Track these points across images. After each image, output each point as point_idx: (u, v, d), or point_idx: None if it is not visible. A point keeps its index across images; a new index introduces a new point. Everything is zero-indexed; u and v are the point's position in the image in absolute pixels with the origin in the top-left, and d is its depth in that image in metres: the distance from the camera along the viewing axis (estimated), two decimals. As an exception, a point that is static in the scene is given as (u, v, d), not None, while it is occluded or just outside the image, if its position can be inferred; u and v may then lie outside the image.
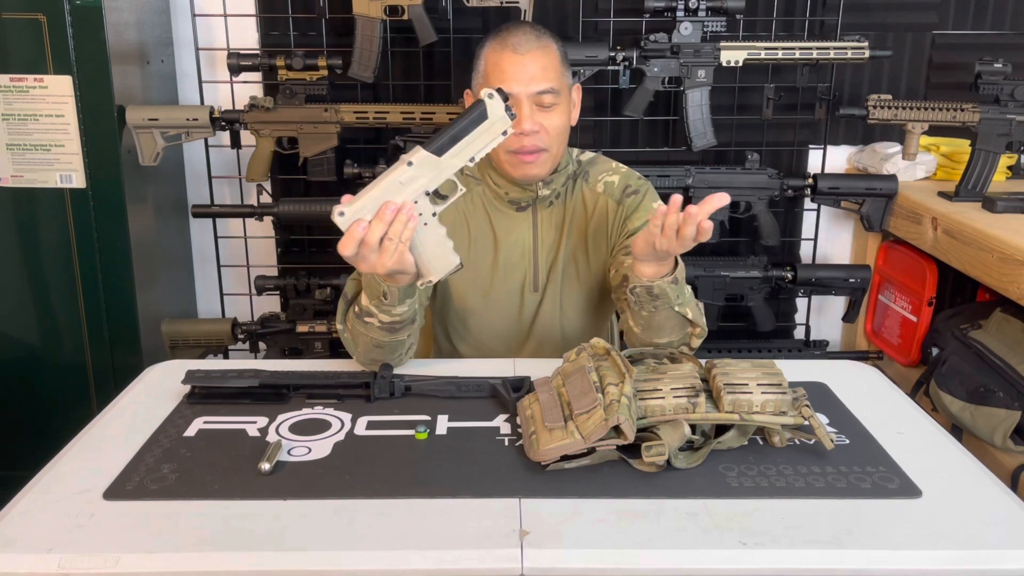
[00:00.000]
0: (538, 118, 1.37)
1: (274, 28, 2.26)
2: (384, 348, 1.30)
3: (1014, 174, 2.32)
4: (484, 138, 1.16)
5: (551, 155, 1.41)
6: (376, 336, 1.28)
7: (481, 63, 1.42)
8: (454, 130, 1.15)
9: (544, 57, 1.37)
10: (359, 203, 1.13)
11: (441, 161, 1.15)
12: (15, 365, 2.10)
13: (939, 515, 0.98)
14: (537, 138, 1.37)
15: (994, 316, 1.90)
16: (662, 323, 1.29)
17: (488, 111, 1.15)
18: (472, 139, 1.15)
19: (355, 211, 1.13)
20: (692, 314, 1.30)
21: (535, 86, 1.36)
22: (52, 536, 0.92)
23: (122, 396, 1.28)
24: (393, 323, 1.26)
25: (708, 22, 2.06)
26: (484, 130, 1.15)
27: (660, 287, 1.24)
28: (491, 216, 1.51)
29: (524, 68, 1.36)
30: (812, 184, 2.20)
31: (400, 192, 1.14)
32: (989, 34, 2.33)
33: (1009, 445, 1.74)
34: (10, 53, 1.91)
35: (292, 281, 2.21)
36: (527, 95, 1.36)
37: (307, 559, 0.89)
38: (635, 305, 1.29)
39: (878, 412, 1.23)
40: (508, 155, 1.40)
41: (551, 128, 1.38)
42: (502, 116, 1.15)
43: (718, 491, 1.01)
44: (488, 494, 1.00)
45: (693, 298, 1.32)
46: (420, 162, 1.14)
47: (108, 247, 2.04)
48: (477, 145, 1.16)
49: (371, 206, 1.13)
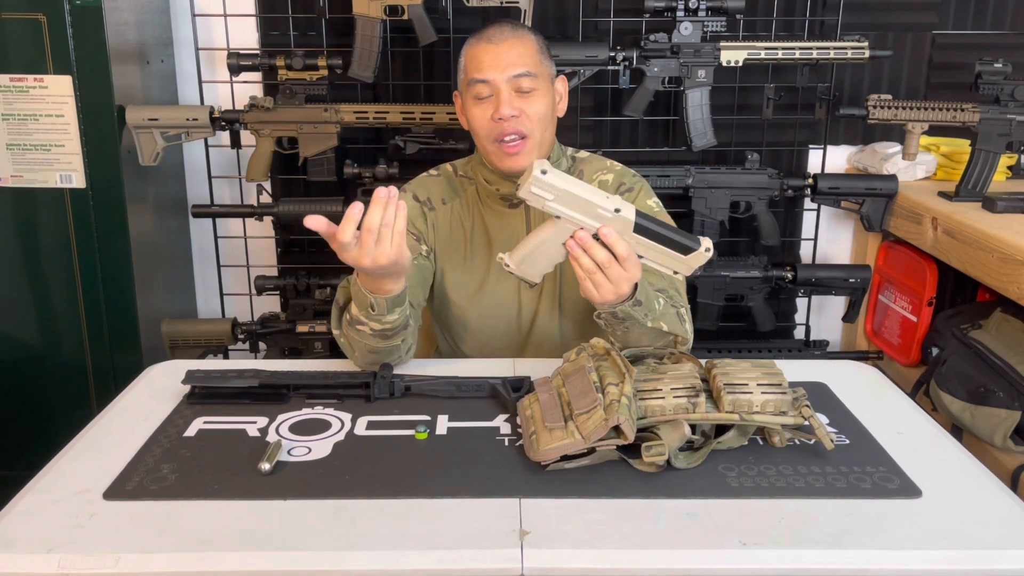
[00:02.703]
0: (517, 103, 1.38)
1: (274, 28, 2.26)
2: (380, 353, 1.29)
3: (1014, 174, 2.32)
4: (665, 259, 1.17)
5: (535, 142, 1.40)
6: (370, 343, 1.27)
7: (462, 60, 1.44)
8: (666, 232, 1.15)
9: (520, 45, 1.39)
10: (567, 183, 1.09)
11: (629, 233, 1.13)
12: (15, 365, 2.10)
13: (939, 515, 0.98)
14: (517, 122, 1.38)
15: (994, 316, 1.90)
16: (639, 338, 1.27)
17: (693, 253, 1.16)
18: (660, 250, 1.16)
19: (562, 181, 1.09)
20: (669, 326, 1.27)
21: (512, 71, 1.37)
22: (52, 536, 0.92)
23: (122, 396, 1.28)
24: (385, 330, 1.26)
25: (708, 22, 2.06)
26: (673, 256, 1.16)
27: (624, 310, 1.20)
28: (484, 215, 1.51)
29: (500, 56, 1.37)
30: (812, 184, 2.20)
31: (589, 215, 1.12)
32: (989, 34, 2.33)
33: (1009, 445, 1.74)
34: (10, 53, 1.91)
35: (292, 281, 2.21)
36: (504, 80, 1.37)
37: (307, 559, 0.89)
38: (607, 328, 1.27)
39: (878, 412, 1.23)
40: (493, 145, 1.40)
41: (532, 114, 1.39)
42: (691, 266, 1.17)
43: (718, 491, 1.01)
44: (488, 494, 1.00)
45: (669, 308, 1.29)
46: (624, 219, 1.12)
47: (108, 247, 2.04)
48: (655, 255, 1.16)
49: (569, 194, 1.10)
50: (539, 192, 1.10)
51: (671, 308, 1.30)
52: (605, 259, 1.12)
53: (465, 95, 1.43)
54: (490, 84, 1.38)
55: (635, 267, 1.14)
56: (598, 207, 1.11)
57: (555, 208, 1.11)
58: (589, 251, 1.12)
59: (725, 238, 2.31)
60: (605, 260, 1.12)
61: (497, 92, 1.37)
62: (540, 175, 1.08)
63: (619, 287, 1.14)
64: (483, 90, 1.38)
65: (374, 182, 2.11)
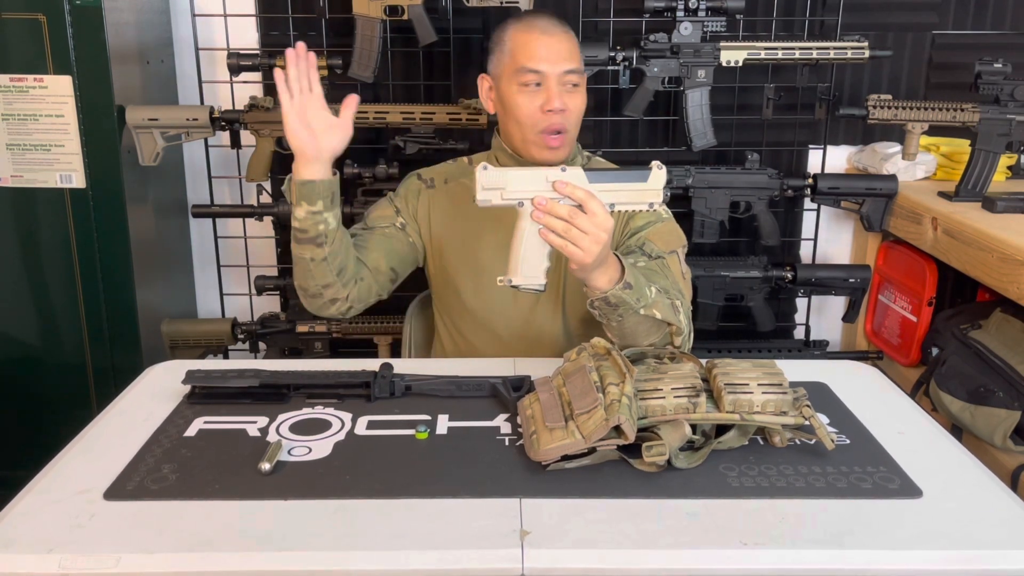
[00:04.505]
0: (564, 98, 1.39)
1: (274, 28, 2.26)
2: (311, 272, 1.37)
3: (1014, 174, 2.32)
4: (628, 196, 1.20)
5: (571, 137, 1.43)
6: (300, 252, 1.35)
7: (506, 43, 1.42)
8: (615, 169, 1.21)
9: (569, 40, 1.41)
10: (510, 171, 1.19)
11: (587, 185, 1.18)
12: (15, 365, 2.10)
13: (939, 515, 0.98)
14: (563, 117, 1.39)
15: (994, 316, 1.90)
16: (634, 329, 1.28)
17: (651, 176, 1.19)
18: (620, 187, 1.20)
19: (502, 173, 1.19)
20: (662, 314, 1.28)
21: (564, 65, 1.38)
22: (52, 536, 0.92)
23: (122, 396, 1.28)
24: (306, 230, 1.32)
25: (708, 22, 2.06)
26: (635, 188, 1.20)
27: (616, 295, 1.22)
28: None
29: (553, 48, 1.38)
30: (812, 184, 2.20)
31: (538, 184, 1.18)
32: (989, 34, 2.33)
33: (1009, 445, 1.74)
34: (10, 53, 1.91)
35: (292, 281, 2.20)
36: (555, 74, 1.38)
37: (307, 559, 0.89)
38: (602, 319, 1.28)
39: (878, 412, 1.23)
40: (536, 136, 1.40)
41: (575, 109, 1.41)
42: (657, 190, 1.20)
43: (718, 491, 1.01)
44: (488, 494, 1.00)
45: (662, 298, 1.30)
46: (572, 174, 1.18)
47: (108, 247, 2.04)
48: (619, 196, 1.20)
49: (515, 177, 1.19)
50: (490, 185, 1.18)
51: (665, 298, 1.31)
52: (569, 211, 1.16)
53: (509, 81, 1.41)
54: (541, 75, 1.38)
55: (603, 213, 1.16)
56: (546, 175, 1.18)
57: (512, 197, 1.19)
58: (553, 211, 1.16)
59: (725, 238, 2.31)
60: (569, 211, 1.15)
61: (547, 84, 1.38)
62: (483, 171, 1.18)
63: (596, 237, 1.16)
64: (532, 79, 1.39)
65: (374, 182, 2.11)
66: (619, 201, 1.20)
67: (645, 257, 1.38)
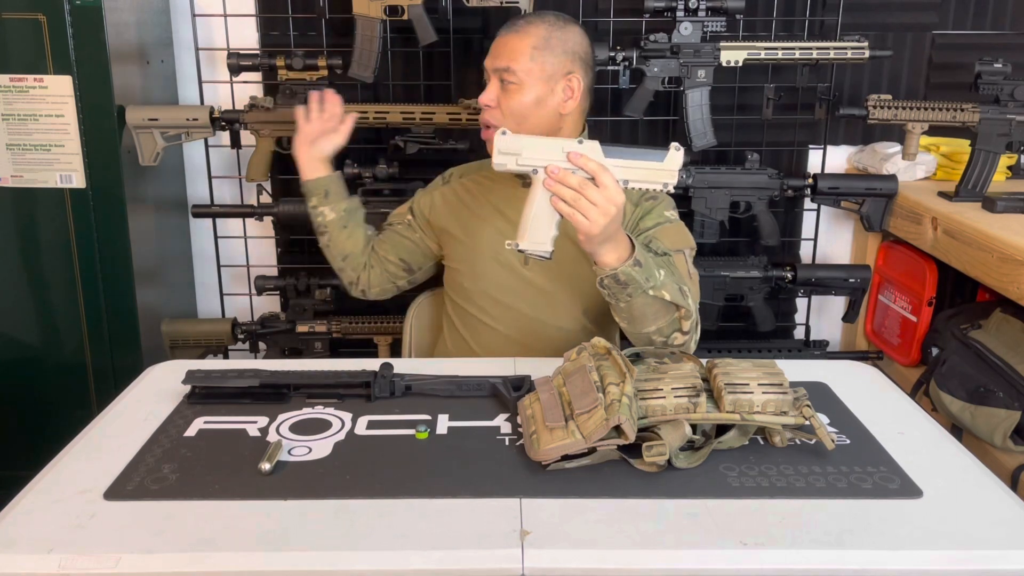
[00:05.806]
0: (495, 94, 1.46)
1: (274, 28, 2.26)
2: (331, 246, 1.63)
3: (1014, 174, 2.32)
4: (643, 174, 1.22)
5: None
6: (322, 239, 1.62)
7: None
8: (633, 147, 1.22)
9: (517, 39, 1.45)
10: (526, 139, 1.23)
11: (602, 159, 1.20)
12: (15, 365, 2.10)
13: (940, 515, 0.98)
14: (489, 113, 1.46)
15: (994, 316, 1.90)
16: (643, 310, 1.29)
17: (668, 157, 1.21)
18: (636, 165, 1.21)
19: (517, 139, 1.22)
20: (671, 295, 1.29)
21: (497, 63, 1.46)
22: (52, 536, 0.92)
23: (122, 396, 1.28)
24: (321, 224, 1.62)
25: (708, 22, 2.06)
26: (651, 167, 1.21)
27: (625, 272, 1.23)
28: (493, 189, 1.57)
29: (499, 45, 1.46)
30: (812, 184, 2.19)
31: (553, 154, 1.20)
32: (989, 34, 2.32)
33: (1009, 445, 1.74)
34: (10, 53, 1.91)
35: (292, 281, 2.21)
36: (491, 69, 1.47)
37: (307, 559, 0.89)
38: (611, 299, 1.29)
39: (878, 412, 1.23)
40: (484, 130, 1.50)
41: (506, 108, 1.45)
42: (673, 171, 1.21)
43: (719, 491, 1.01)
44: (489, 494, 1.00)
45: (672, 282, 1.31)
46: (589, 146, 1.21)
47: (108, 247, 2.03)
48: (635, 174, 1.21)
49: (531, 144, 1.22)
50: (506, 150, 1.22)
51: (673, 282, 1.31)
52: (580, 181, 1.18)
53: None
54: (487, 70, 1.48)
55: (613, 187, 1.19)
56: (562, 146, 1.21)
57: (527, 163, 1.22)
58: (564, 180, 1.18)
59: (725, 238, 2.31)
60: (580, 182, 1.18)
61: (489, 79, 1.47)
62: (501, 135, 1.23)
63: (605, 209, 1.17)
64: (486, 74, 1.48)
65: (374, 182, 2.11)
66: (634, 179, 1.22)
67: (651, 254, 1.39)
